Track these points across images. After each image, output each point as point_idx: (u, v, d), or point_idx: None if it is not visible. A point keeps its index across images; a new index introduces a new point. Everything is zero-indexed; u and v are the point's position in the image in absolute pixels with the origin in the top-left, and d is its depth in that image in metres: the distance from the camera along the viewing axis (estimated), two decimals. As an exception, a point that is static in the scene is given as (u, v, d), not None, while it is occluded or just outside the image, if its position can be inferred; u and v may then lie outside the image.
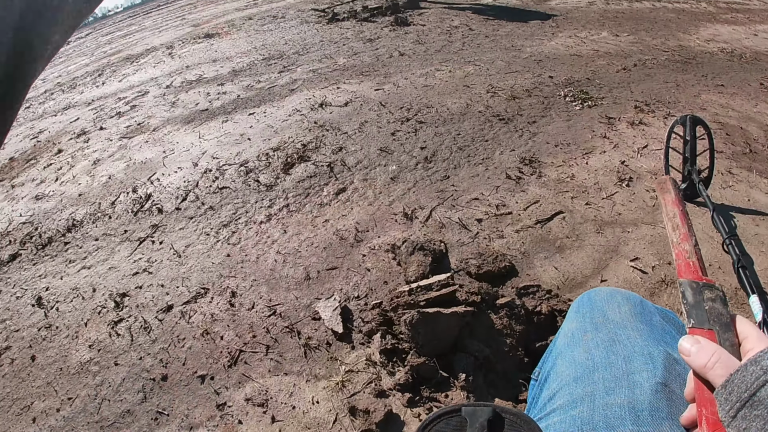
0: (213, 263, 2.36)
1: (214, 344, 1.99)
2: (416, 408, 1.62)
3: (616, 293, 0.96)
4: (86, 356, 2.08)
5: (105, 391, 1.94)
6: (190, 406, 1.82)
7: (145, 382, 1.93)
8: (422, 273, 2.00)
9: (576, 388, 0.78)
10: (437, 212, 2.48)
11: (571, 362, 0.84)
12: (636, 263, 2.07)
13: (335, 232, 2.42)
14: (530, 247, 2.21)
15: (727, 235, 1.86)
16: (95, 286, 2.43)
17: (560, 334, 0.97)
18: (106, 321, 2.21)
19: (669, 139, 2.35)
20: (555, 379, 0.85)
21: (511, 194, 2.56)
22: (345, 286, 2.11)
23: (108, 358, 2.05)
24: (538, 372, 0.99)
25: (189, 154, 3.38)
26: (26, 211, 3.26)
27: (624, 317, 0.88)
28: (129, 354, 2.05)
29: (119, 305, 2.27)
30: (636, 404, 0.70)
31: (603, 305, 0.93)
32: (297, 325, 1.98)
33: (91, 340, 2.14)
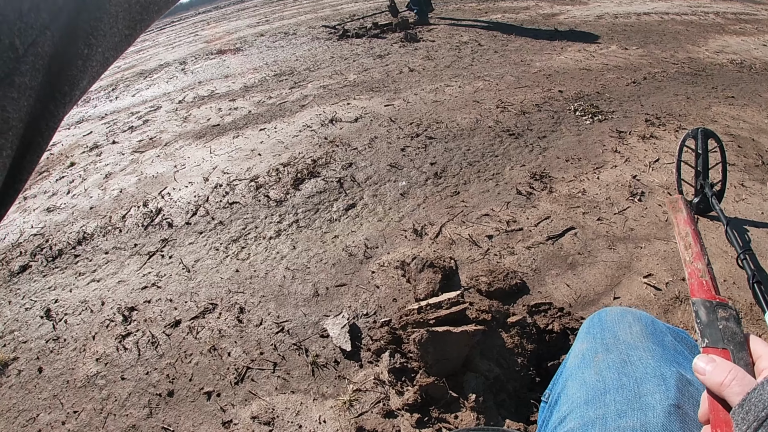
0: (222, 278, 2.36)
1: (221, 360, 1.97)
2: (425, 429, 1.59)
3: (626, 313, 0.94)
4: (93, 369, 2.07)
5: (111, 406, 1.92)
6: (196, 423, 1.80)
7: (151, 397, 1.91)
8: (432, 290, 1.98)
9: (587, 411, 0.76)
10: (447, 228, 2.46)
11: (582, 384, 0.82)
12: (649, 279, 2.03)
13: (344, 248, 2.41)
14: (542, 263, 2.18)
15: (741, 250, 1.82)
16: (104, 300, 2.42)
17: (570, 355, 0.96)
18: (114, 334, 2.20)
19: (681, 153, 2.31)
20: (565, 401, 0.83)
21: (521, 210, 2.53)
22: (354, 303, 2.09)
23: (115, 372, 2.04)
24: (548, 394, 0.98)
25: (200, 168, 3.39)
26: (38, 222, 3.28)
27: (635, 338, 0.86)
28: (136, 368, 2.03)
29: (127, 319, 2.27)
30: (649, 427, 0.68)
31: (614, 326, 0.91)
32: (305, 342, 1.96)
33: (98, 354, 2.13)
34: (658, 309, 1.91)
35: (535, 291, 2.05)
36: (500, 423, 1.55)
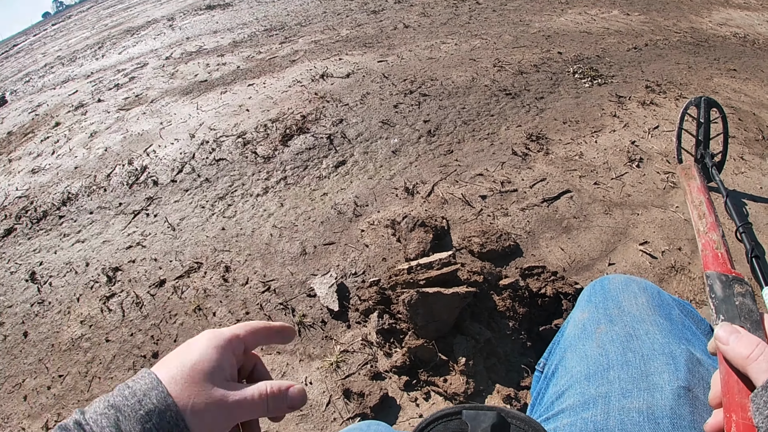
0: (207, 237, 2.25)
1: (207, 321, 1.89)
2: (413, 392, 1.52)
3: (631, 282, 0.86)
4: (78, 332, 1.99)
5: (95, 369, 1.85)
6: (181, 385, 1.73)
7: (136, 360, 1.84)
8: (423, 250, 1.88)
9: (588, 388, 0.70)
10: (440, 187, 2.35)
11: (583, 357, 0.76)
12: (645, 247, 1.95)
13: (333, 206, 2.30)
14: (536, 226, 2.08)
15: (740, 223, 1.73)
16: (88, 260, 2.33)
17: (569, 323, 0.88)
18: (98, 296, 2.12)
19: (682, 120, 2.19)
20: (564, 374, 0.77)
21: (516, 171, 2.42)
22: (342, 262, 2.00)
23: (99, 335, 1.96)
24: (543, 363, 0.91)
25: (186, 125, 3.24)
26: (22, 185, 3.15)
27: (641, 310, 0.79)
28: (120, 330, 1.95)
29: (112, 280, 2.17)
30: (655, 410, 0.62)
31: (618, 295, 0.84)
32: (291, 301, 1.88)
33: (82, 316, 2.05)
34: (654, 278, 1.83)
35: (528, 254, 1.96)
36: (490, 388, 1.47)
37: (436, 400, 1.49)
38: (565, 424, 0.68)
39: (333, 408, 1.55)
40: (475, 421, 0.56)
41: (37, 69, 6.27)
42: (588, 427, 0.65)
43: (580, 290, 1.69)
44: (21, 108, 4.76)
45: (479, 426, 0.56)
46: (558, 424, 0.70)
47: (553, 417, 0.72)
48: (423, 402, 1.50)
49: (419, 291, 1.51)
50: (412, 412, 1.48)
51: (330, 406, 1.56)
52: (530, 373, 1.51)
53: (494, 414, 0.56)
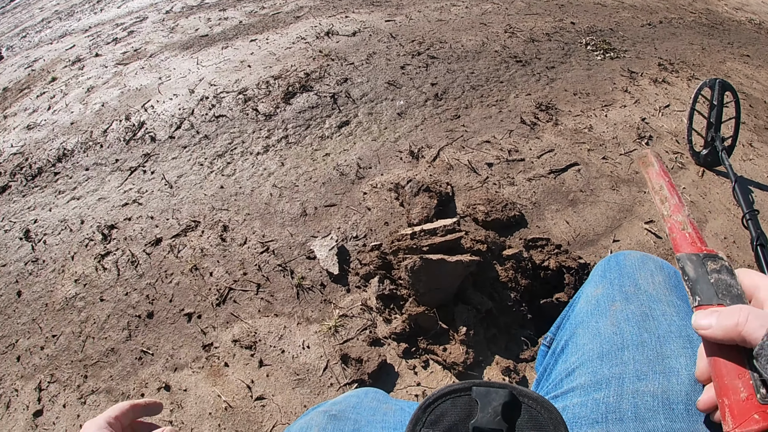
0: (205, 195, 2.17)
1: (203, 281, 1.83)
2: (411, 359, 1.46)
3: (647, 259, 0.82)
4: (72, 291, 1.93)
5: (89, 329, 1.80)
6: (176, 346, 1.68)
7: (131, 319, 1.79)
8: (426, 216, 1.79)
9: (601, 367, 0.66)
10: (445, 152, 2.25)
11: (596, 335, 0.71)
12: (651, 226, 1.88)
13: (336, 167, 2.20)
14: (542, 197, 2.00)
15: (747, 210, 1.68)
16: (83, 218, 2.25)
17: (581, 298, 0.83)
18: (93, 254, 2.05)
19: (695, 101, 2.13)
20: (574, 351, 0.73)
21: (524, 140, 2.31)
22: (343, 224, 1.92)
23: (93, 294, 1.90)
24: (550, 338, 0.88)
25: (186, 80, 3.11)
26: (17, 141, 3.04)
27: (658, 289, 0.74)
28: (115, 289, 1.90)
29: (107, 238, 2.10)
30: (671, 395, 0.58)
31: (634, 272, 0.79)
32: (290, 263, 1.81)
33: (77, 275, 1.99)
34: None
35: (533, 225, 1.89)
36: (489, 359, 1.42)
37: (434, 368, 1.44)
38: (575, 403, 0.64)
39: (330, 373, 1.50)
40: (486, 398, 0.53)
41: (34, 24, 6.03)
42: (599, 409, 0.61)
43: (584, 265, 1.62)
44: (17, 63, 4.59)
45: (489, 404, 0.53)
46: (567, 402, 0.66)
47: (562, 395, 0.68)
48: (421, 370, 1.44)
49: (423, 258, 1.44)
50: (410, 380, 1.43)
51: (327, 371, 1.51)
52: (530, 345, 1.46)
53: (506, 392, 0.53)
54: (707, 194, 2.06)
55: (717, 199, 2.04)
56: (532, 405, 0.53)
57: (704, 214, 1.97)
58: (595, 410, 0.61)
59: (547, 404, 0.53)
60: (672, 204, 0.64)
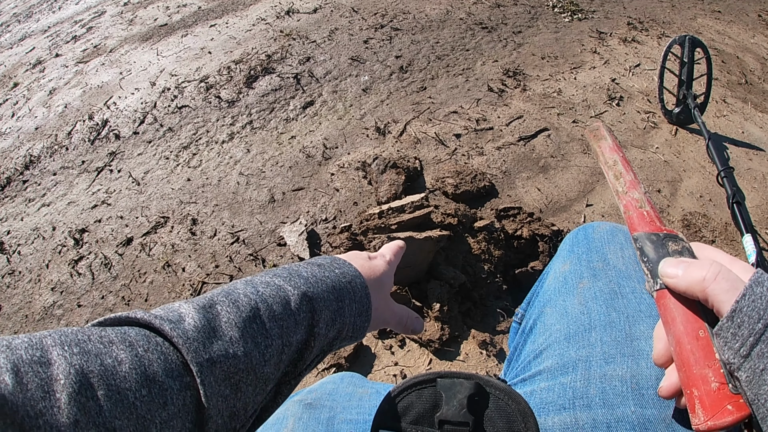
0: (173, 189, 2.07)
1: (176, 277, 1.75)
2: (387, 340, 1.41)
3: (617, 231, 0.76)
4: (49, 300, 1.85)
5: None
6: (154, 345, 1.62)
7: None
8: (395, 193, 1.72)
9: (568, 349, 0.61)
10: (412, 126, 2.16)
11: (563, 314, 0.66)
12: None
13: (302, 149, 2.11)
14: (512, 165, 1.93)
15: (722, 167, 1.63)
16: (55, 224, 2.15)
17: (549, 273, 0.79)
18: (67, 260, 1.96)
19: (665, 59, 2.06)
20: (542, 331, 0.68)
21: (492, 108, 2.23)
22: (312, 208, 1.84)
23: (71, 300, 1.82)
24: (521, 314, 0.83)
25: (146, 73, 2.95)
26: (-16, 151, 2.89)
27: (628, 264, 0.69)
28: (91, 293, 1.82)
29: (79, 242, 2.01)
30: (640, 379, 0.54)
31: (603, 246, 0.73)
32: (261, 252, 1.74)
33: (53, 283, 1.90)
34: None
35: (504, 194, 1.82)
36: (465, 333, 1.37)
37: (411, 347, 1.39)
38: (542, 388, 0.60)
39: (308, 359, 1.45)
40: (451, 391, 0.51)
41: (-6, 27, 5.75)
42: (567, 394, 0.57)
43: (557, 232, 1.57)
44: (-21, 70, 4.37)
45: (455, 396, 0.51)
46: (534, 387, 0.62)
47: (529, 379, 0.64)
48: (398, 350, 1.39)
49: (391, 237, 1.37)
50: (387, 361, 1.38)
51: (305, 358, 1.46)
52: (506, 317, 1.41)
53: (471, 384, 0.51)
54: (681, 153, 2.01)
55: (691, 158, 1.99)
56: (499, 395, 0.51)
57: (678, 173, 1.92)
58: (562, 395, 0.57)
59: (514, 394, 0.50)
60: (627, 180, 0.57)
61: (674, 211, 1.78)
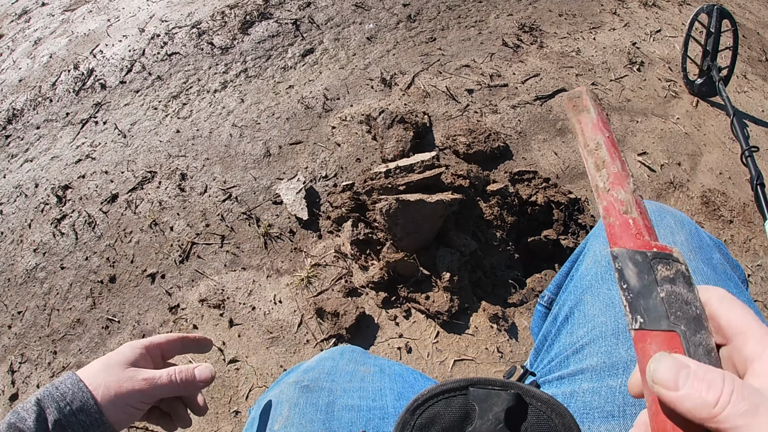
0: (161, 141, 1.87)
1: (164, 236, 1.58)
2: (392, 309, 1.25)
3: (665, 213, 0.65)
4: (32, 262, 1.69)
5: (53, 300, 1.58)
6: (141, 311, 1.46)
7: (93, 286, 1.56)
8: (402, 150, 1.51)
9: (617, 347, 0.52)
10: (421, 79, 1.93)
11: (609, 305, 0.56)
12: (644, 158, 1.66)
13: (300, 99, 1.88)
14: (528, 126, 1.73)
15: (747, 146, 1.50)
16: (38, 181, 1.96)
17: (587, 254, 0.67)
18: (50, 219, 1.78)
19: (691, 27, 1.88)
20: (583, 322, 0.58)
21: (507, 64, 1.99)
22: (311, 164, 1.64)
23: (54, 262, 1.66)
24: (550, 299, 0.75)
25: (135, 19, 2.68)
26: (-33, 106, 2.67)
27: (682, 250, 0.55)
28: (75, 255, 1.65)
29: (62, 199, 1.83)
30: None
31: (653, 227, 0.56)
32: (255, 210, 1.55)
33: (35, 243, 1.74)
34: (651, 193, 1.58)
35: (518, 156, 1.63)
36: (475, 305, 1.21)
37: (417, 318, 1.23)
38: (586, 389, 0.52)
39: (305, 329, 1.29)
40: (486, 402, 0.43)
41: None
42: (616, 399, 0.49)
43: (574, 201, 1.39)
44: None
45: (490, 410, 0.43)
46: (576, 387, 0.54)
47: (568, 377, 0.56)
48: (403, 321, 1.23)
49: (399, 199, 1.17)
50: (391, 332, 1.22)
51: (302, 327, 1.30)
52: (518, 288, 1.24)
53: (511, 396, 0.43)
54: (702, 126, 1.82)
55: (712, 132, 1.81)
56: (540, 408, 0.43)
57: (699, 146, 1.75)
58: (610, 401, 0.50)
59: (559, 408, 0.43)
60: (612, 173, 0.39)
61: (693, 186, 1.63)
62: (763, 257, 1.48)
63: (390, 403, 0.64)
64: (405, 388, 0.68)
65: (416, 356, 1.21)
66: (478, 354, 1.20)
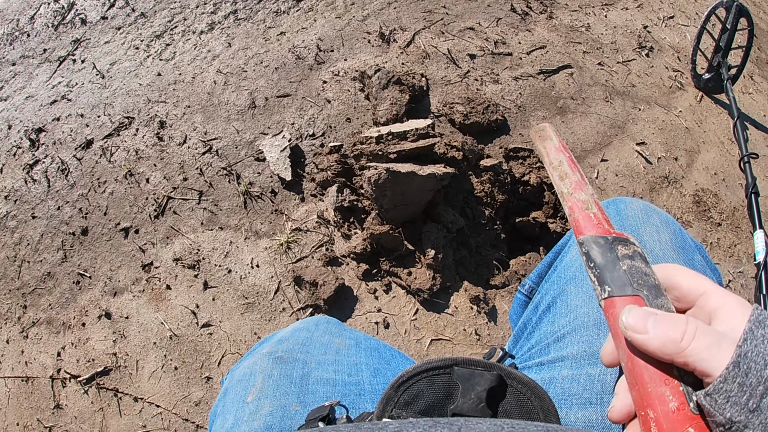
0: (141, 84, 1.73)
1: (139, 188, 1.49)
2: (372, 282, 1.18)
3: (651, 212, 0.67)
4: (2, 210, 1.60)
5: (24, 251, 1.50)
6: (113, 267, 1.39)
7: (65, 238, 1.48)
8: (396, 114, 1.39)
9: (598, 337, 0.54)
10: (421, 37, 1.78)
11: (592, 298, 0.58)
12: (642, 148, 1.58)
13: (291, 48, 1.74)
14: (528, 100, 1.61)
15: (746, 153, 1.47)
16: (11, 122, 1.83)
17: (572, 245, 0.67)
18: (22, 164, 1.68)
19: (707, 20, 1.79)
20: (565, 312, 0.59)
21: (513, 31, 1.84)
22: (298, 120, 1.52)
23: (25, 210, 1.57)
24: (531, 288, 0.74)
25: (120, -52, 2.47)
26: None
27: (664, 249, 0.61)
28: (46, 203, 1.56)
29: (35, 143, 1.71)
30: None
31: (638, 226, 0.64)
32: (236, 166, 1.45)
33: (6, 190, 1.64)
34: (645, 185, 1.51)
35: (515, 132, 1.53)
36: (457, 284, 1.14)
37: (397, 293, 1.16)
38: (565, 376, 0.53)
39: (282, 296, 1.22)
40: (469, 382, 0.45)
41: None
42: (594, 387, 0.51)
43: None
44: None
45: (472, 389, 0.44)
46: (555, 374, 0.55)
47: (549, 364, 0.57)
48: (383, 294, 1.16)
49: (390, 169, 1.07)
50: (370, 305, 1.16)
51: (279, 294, 1.23)
52: (501, 270, 1.18)
53: (493, 376, 0.44)
54: (703, 122, 1.73)
55: (712, 129, 1.71)
56: (521, 390, 0.45)
57: (698, 143, 1.66)
58: (588, 388, 0.51)
59: (539, 391, 0.44)
60: (573, 181, 0.50)
61: (687, 184, 1.55)
62: (746, 264, 1.43)
63: (366, 379, 0.63)
64: (381, 364, 0.67)
65: (393, 332, 1.15)
66: (455, 335, 1.14)
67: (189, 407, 1.18)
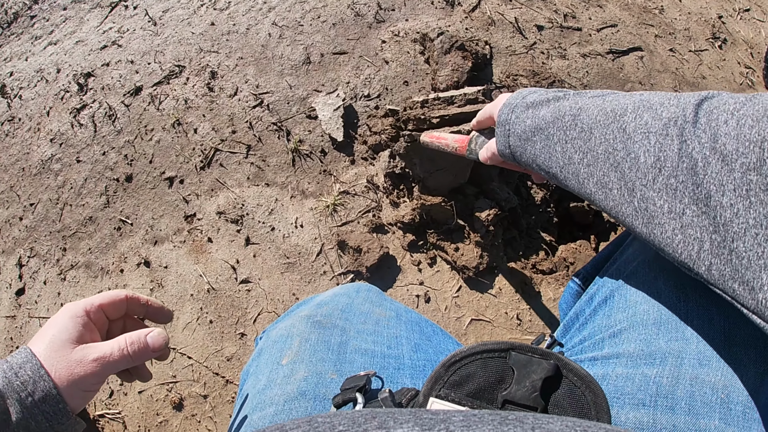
0: (193, 33, 1.82)
1: (187, 138, 1.57)
2: (417, 254, 1.22)
3: None
4: (48, 152, 1.74)
5: (67, 194, 1.63)
6: (156, 215, 1.49)
7: (109, 183, 1.59)
8: (457, 81, 1.41)
9: (657, 338, 0.54)
10: (488, 2, 1.78)
11: (654, 295, 0.58)
12: None
13: (351, 4, 1.77)
14: (594, 80, 1.59)
15: None
16: (60, 66, 1.97)
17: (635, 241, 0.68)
18: (69, 108, 1.81)
19: None
20: (623, 307, 0.60)
21: (584, 5, 1.81)
22: (353, 79, 1.57)
23: (70, 154, 1.70)
24: (585, 277, 0.77)
25: None
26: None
27: None
28: (92, 148, 1.68)
29: (83, 88, 1.83)
30: (731, 391, 0.48)
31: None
32: (287, 122, 1.52)
33: (52, 133, 1.78)
34: None
35: None
36: (504, 264, 1.17)
37: (441, 267, 1.21)
38: (619, 374, 0.54)
39: (324, 259, 1.29)
40: (525, 369, 0.46)
41: None
42: (649, 389, 0.51)
43: None
44: None
45: (528, 377, 0.46)
46: (609, 370, 0.55)
47: (603, 359, 0.57)
48: (427, 268, 1.21)
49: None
50: (412, 277, 1.21)
51: (321, 257, 1.29)
52: (550, 255, 1.19)
53: (551, 366, 0.46)
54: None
55: None
56: (576, 383, 0.46)
57: None
58: (643, 389, 0.51)
59: (594, 385, 0.46)
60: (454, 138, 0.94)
61: None
62: None
63: (406, 354, 0.65)
64: (422, 339, 0.70)
65: (433, 307, 1.20)
66: (496, 317, 1.18)
67: (221, 362, 1.27)
